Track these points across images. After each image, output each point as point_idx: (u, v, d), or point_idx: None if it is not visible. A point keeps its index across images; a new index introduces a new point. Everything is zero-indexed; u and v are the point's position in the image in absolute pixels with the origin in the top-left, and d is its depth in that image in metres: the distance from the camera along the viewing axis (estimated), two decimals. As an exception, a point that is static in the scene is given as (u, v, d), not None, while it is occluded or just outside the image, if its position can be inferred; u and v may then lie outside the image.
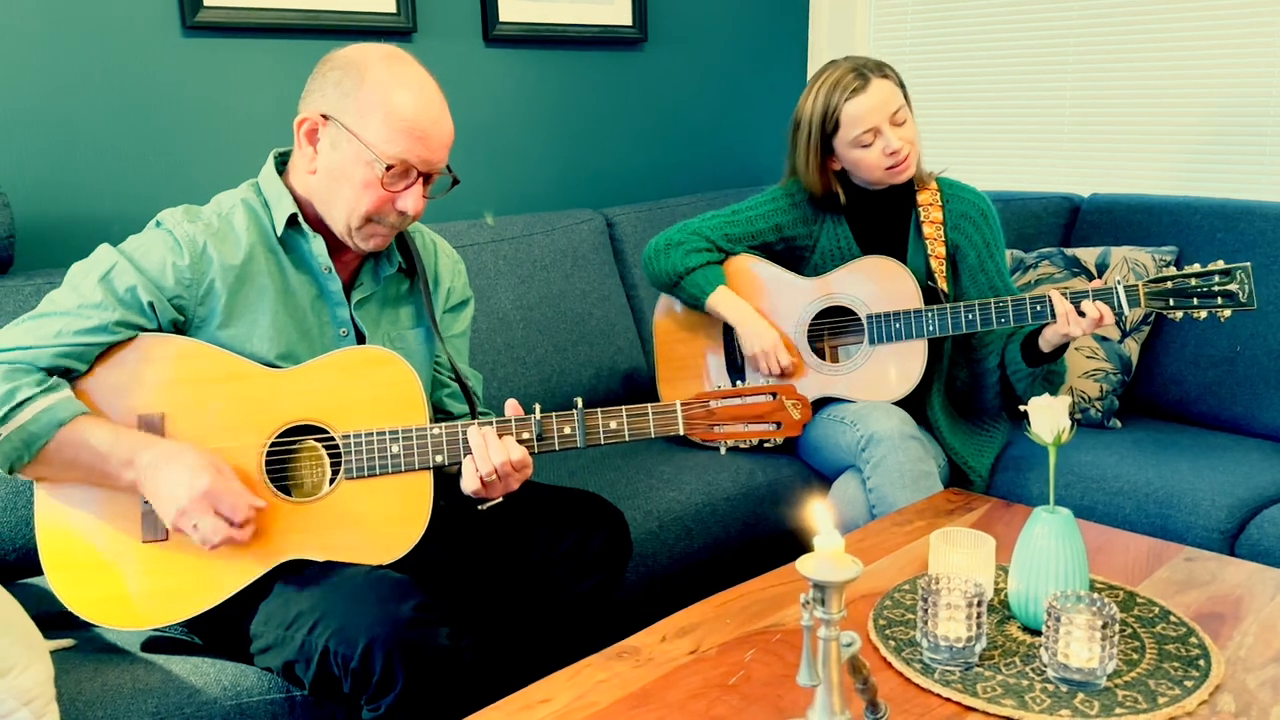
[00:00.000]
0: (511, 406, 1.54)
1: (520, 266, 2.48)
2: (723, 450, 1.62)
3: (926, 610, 1.28)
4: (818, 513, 1.05)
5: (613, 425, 1.55)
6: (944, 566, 1.41)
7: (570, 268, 2.57)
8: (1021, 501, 2.10)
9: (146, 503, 1.42)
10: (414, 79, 1.48)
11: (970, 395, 2.27)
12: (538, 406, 1.55)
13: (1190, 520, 1.96)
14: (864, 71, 2.06)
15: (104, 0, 2.06)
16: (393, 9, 2.45)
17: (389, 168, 1.45)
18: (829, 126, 2.09)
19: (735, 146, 3.29)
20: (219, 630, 1.49)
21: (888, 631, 1.37)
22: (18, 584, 1.68)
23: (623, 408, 1.56)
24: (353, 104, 1.45)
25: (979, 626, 1.27)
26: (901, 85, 2.10)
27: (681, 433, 1.57)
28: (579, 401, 1.56)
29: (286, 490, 1.49)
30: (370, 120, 1.44)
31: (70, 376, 1.42)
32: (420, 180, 1.49)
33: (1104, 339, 2.42)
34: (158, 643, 1.51)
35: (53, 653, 1.43)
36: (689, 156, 3.18)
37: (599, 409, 1.55)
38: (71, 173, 2.07)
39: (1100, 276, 2.45)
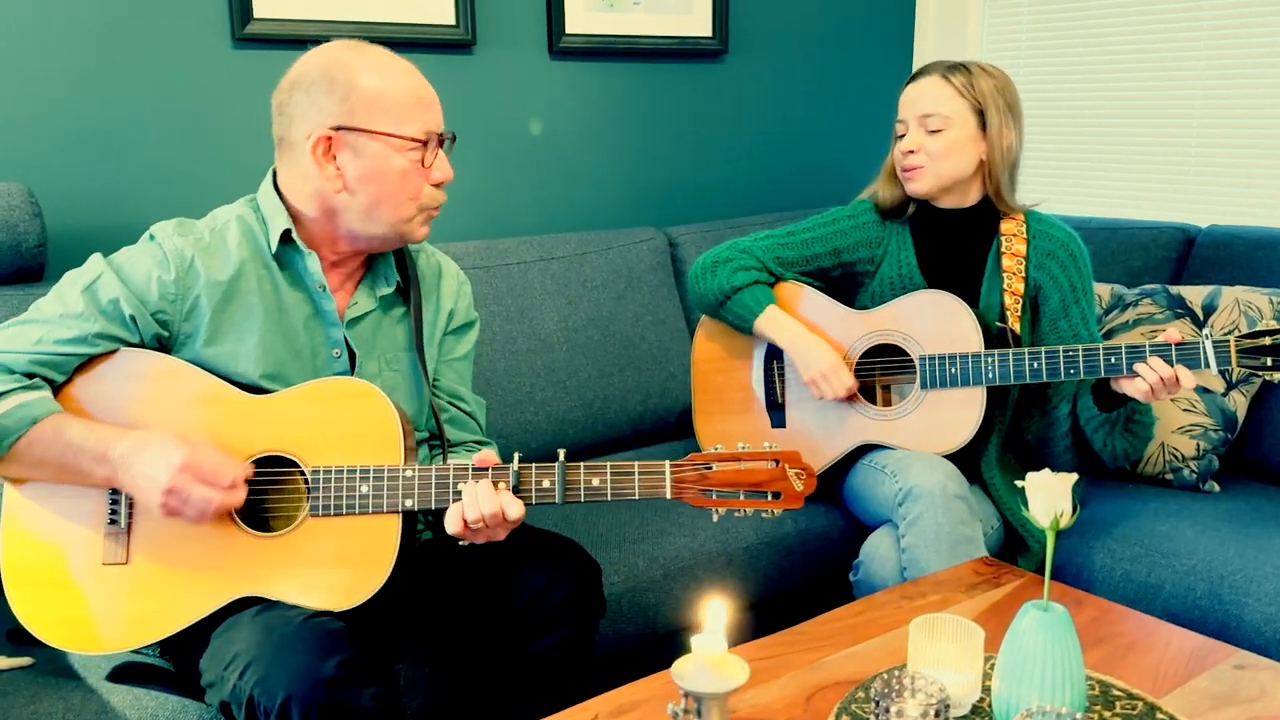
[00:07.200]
0: (485, 459, 1.45)
1: (569, 286, 2.39)
2: (715, 518, 1.48)
3: (878, 716, 1.12)
4: (710, 610, 0.92)
5: (595, 482, 1.44)
6: (923, 660, 1.24)
7: (624, 289, 2.46)
8: (1082, 575, 1.87)
9: (111, 522, 1.40)
10: (386, 57, 1.49)
11: (1038, 449, 2.05)
12: (517, 456, 1.46)
13: (1270, 611, 1.70)
14: (934, 67, 1.98)
15: (154, 10, 2.08)
16: (451, 20, 2.40)
17: (422, 143, 1.45)
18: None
19: (820, 164, 3.11)
20: (190, 659, 1.44)
21: (848, 730, 1.21)
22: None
23: (608, 464, 1.44)
24: (355, 105, 1.43)
25: (937, 740, 1.10)
26: (970, 97, 1.92)
27: (669, 497, 1.45)
28: (561, 454, 1.46)
29: (258, 522, 1.44)
30: (379, 111, 1.44)
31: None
32: (439, 146, 1.49)
33: (1205, 390, 2.15)
34: (128, 669, 1.49)
35: (3, 671, 1.43)
36: (767, 174, 3.02)
37: (582, 463, 1.45)
38: (112, 181, 2.09)
39: (1207, 319, 2.18)
